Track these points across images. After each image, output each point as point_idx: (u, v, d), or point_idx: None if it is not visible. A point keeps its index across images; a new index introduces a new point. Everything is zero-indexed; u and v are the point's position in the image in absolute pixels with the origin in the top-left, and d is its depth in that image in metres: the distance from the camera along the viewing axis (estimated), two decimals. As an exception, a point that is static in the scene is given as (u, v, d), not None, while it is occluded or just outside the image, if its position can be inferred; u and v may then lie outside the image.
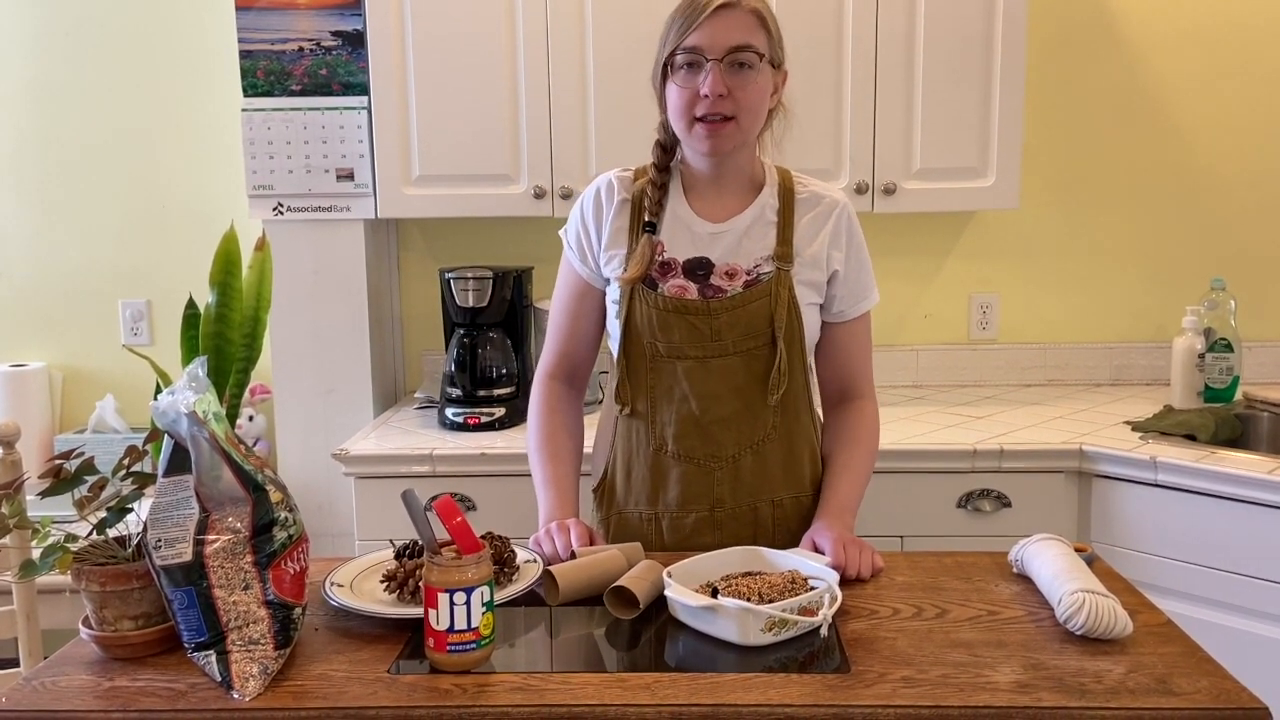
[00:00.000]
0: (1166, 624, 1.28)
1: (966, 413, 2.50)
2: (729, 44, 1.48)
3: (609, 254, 1.62)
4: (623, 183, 1.63)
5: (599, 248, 1.63)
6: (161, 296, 2.87)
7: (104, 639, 1.22)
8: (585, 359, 1.72)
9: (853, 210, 1.63)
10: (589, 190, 1.66)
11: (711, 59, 1.48)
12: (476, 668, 1.18)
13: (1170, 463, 2.07)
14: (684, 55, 1.49)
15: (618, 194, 1.62)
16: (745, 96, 1.50)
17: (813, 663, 1.19)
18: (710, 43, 1.48)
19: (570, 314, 1.69)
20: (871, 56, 2.39)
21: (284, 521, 1.20)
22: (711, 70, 1.47)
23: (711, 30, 1.48)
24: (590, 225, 1.64)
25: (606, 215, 1.62)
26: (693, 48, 1.48)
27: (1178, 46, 2.70)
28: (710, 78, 1.47)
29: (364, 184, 2.50)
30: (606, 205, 1.62)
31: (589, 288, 1.67)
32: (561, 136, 2.44)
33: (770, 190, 1.61)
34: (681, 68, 1.50)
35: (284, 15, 2.45)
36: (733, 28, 1.48)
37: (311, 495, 2.55)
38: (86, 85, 2.81)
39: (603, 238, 1.62)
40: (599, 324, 1.70)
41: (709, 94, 1.47)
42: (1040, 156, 2.74)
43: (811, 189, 1.62)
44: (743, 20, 1.49)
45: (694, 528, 1.61)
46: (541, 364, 1.72)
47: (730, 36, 1.48)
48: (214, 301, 1.38)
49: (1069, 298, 2.82)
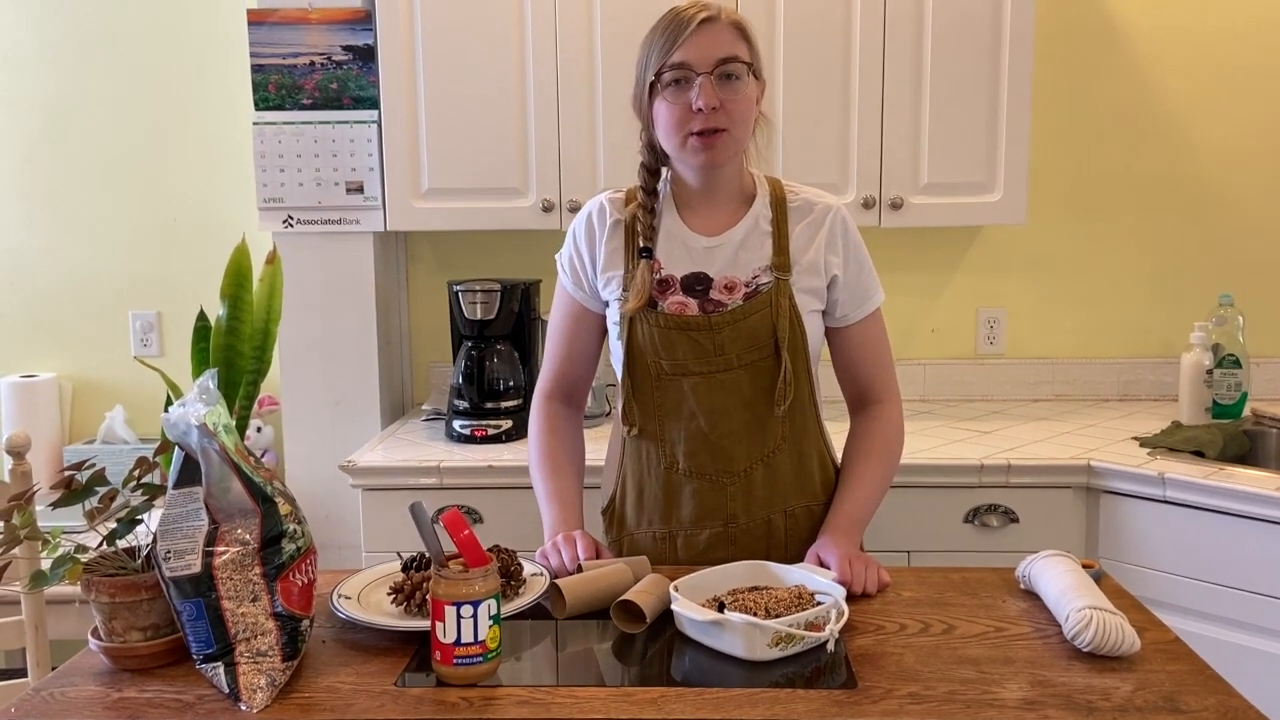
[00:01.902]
0: (1174, 641, 1.28)
1: (974, 427, 2.50)
2: (716, 56, 1.48)
3: (605, 276, 1.62)
4: (615, 204, 1.63)
5: (594, 272, 1.63)
6: (171, 308, 2.89)
7: (113, 650, 1.22)
8: (583, 378, 1.73)
9: (847, 214, 1.62)
10: (581, 215, 1.66)
11: (701, 73, 1.48)
12: (483, 681, 1.18)
13: (1178, 479, 2.07)
14: (672, 72, 1.49)
15: (610, 216, 1.62)
16: (736, 107, 1.50)
17: (819, 678, 1.19)
18: (698, 56, 1.48)
19: (567, 337, 1.69)
20: (879, 71, 2.40)
21: (292, 533, 1.21)
22: (703, 83, 1.47)
23: (697, 44, 1.48)
24: (584, 250, 1.64)
25: (600, 238, 1.62)
26: (680, 63, 1.48)
27: (1185, 63, 2.71)
28: (703, 91, 1.47)
29: (373, 197, 2.52)
30: (599, 229, 1.63)
31: (584, 311, 1.67)
32: (569, 150, 2.45)
33: (762, 200, 1.61)
34: (670, 85, 1.50)
35: (296, 30, 2.47)
36: (718, 40, 1.49)
37: (318, 507, 2.55)
38: (99, 98, 2.83)
39: (598, 261, 1.62)
40: (596, 345, 1.70)
41: (703, 107, 1.47)
42: (1048, 172, 2.74)
43: (804, 196, 1.62)
44: (726, 32, 1.50)
45: (708, 544, 1.61)
46: (539, 385, 1.73)
47: (717, 49, 1.48)
48: (225, 314, 1.39)
49: (1076, 313, 2.82)
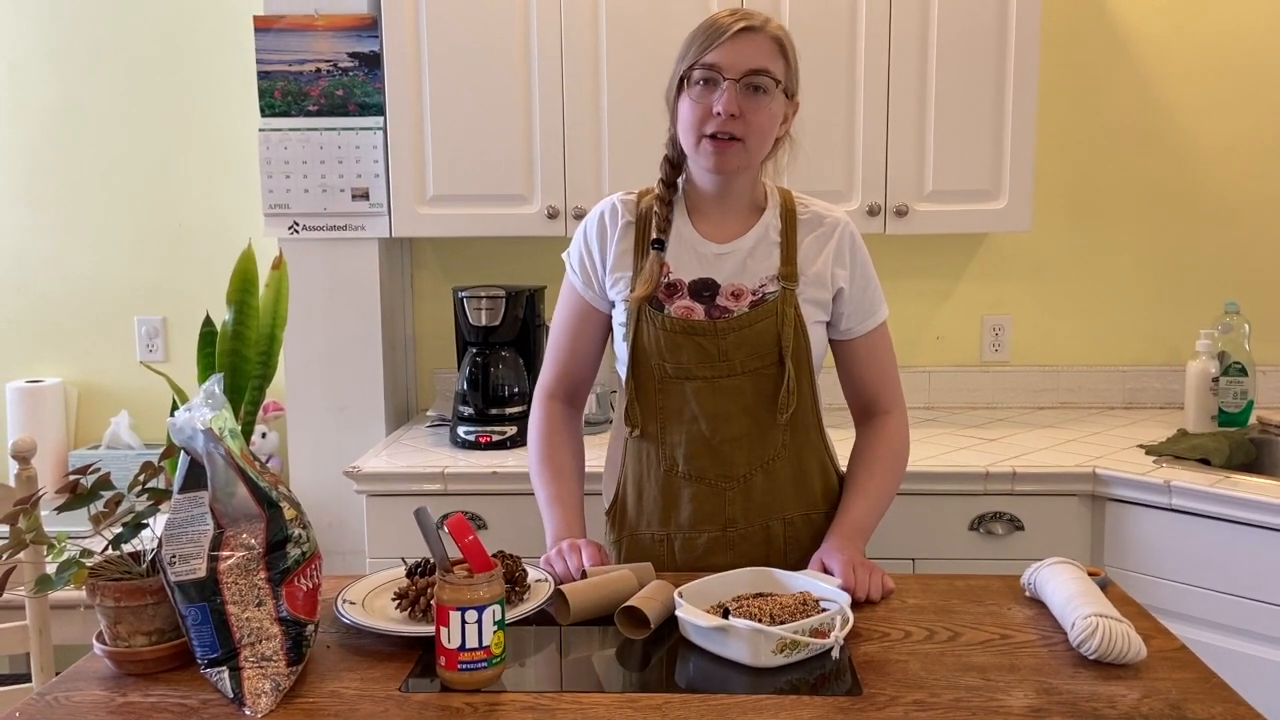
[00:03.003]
0: (1180, 649, 1.28)
1: (979, 435, 2.50)
2: (747, 66, 1.49)
3: (615, 276, 1.62)
4: (627, 206, 1.64)
5: (603, 271, 1.64)
6: (177, 313, 2.89)
7: (117, 654, 1.22)
8: (585, 379, 1.73)
9: (855, 229, 1.64)
10: (593, 214, 1.66)
11: (729, 78, 1.49)
12: (487, 686, 1.18)
13: (1184, 487, 2.06)
14: (701, 71, 1.50)
15: (622, 217, 1.63)
16: (756, 120, 1.51)
17: (824, 685, 1.19)
18: (729, 62, 1.49)
19: (571, 335, 1.69)
20: (884, 79, 2.40)
21: (297, 538, 1.21)
22: (727, 89, 1.49)
23: (732, 50, 1.49)
24: (594, 249, 1.64)
25: (611, 238, 1.63)
26: (711, 65, 1.50)
27: (1190, 70, 2.71)
28: (725, 96, 1.49)
29: (379, 203, 2.52)
30: (611, 228, 1.63)
31: (590, 310, 1.67)
32: (575, 157, 2.45)
33: (773, 211, 1.62)
34: (698, 83, 1.51)
35: (302, 36, 2.48)
36: (753, 51, 1.50)
37: (323, 513, 2.55)
38: (105, 103, 2.84)
39: (608, 261, 1.63)
40: (600, 345, 1.70)
41: (721, 112, 1.48)
42: (1053, 179, 2.74)
43: (814, 209, 1.63)
44: (764, 45, 1.51)
45: (707, 548, 1.61)
46: (541, 383, 1.73)
47: (750, 59, 1.49)
48: (231, 319, 1.39)
49: (1082, 320, 2.82)
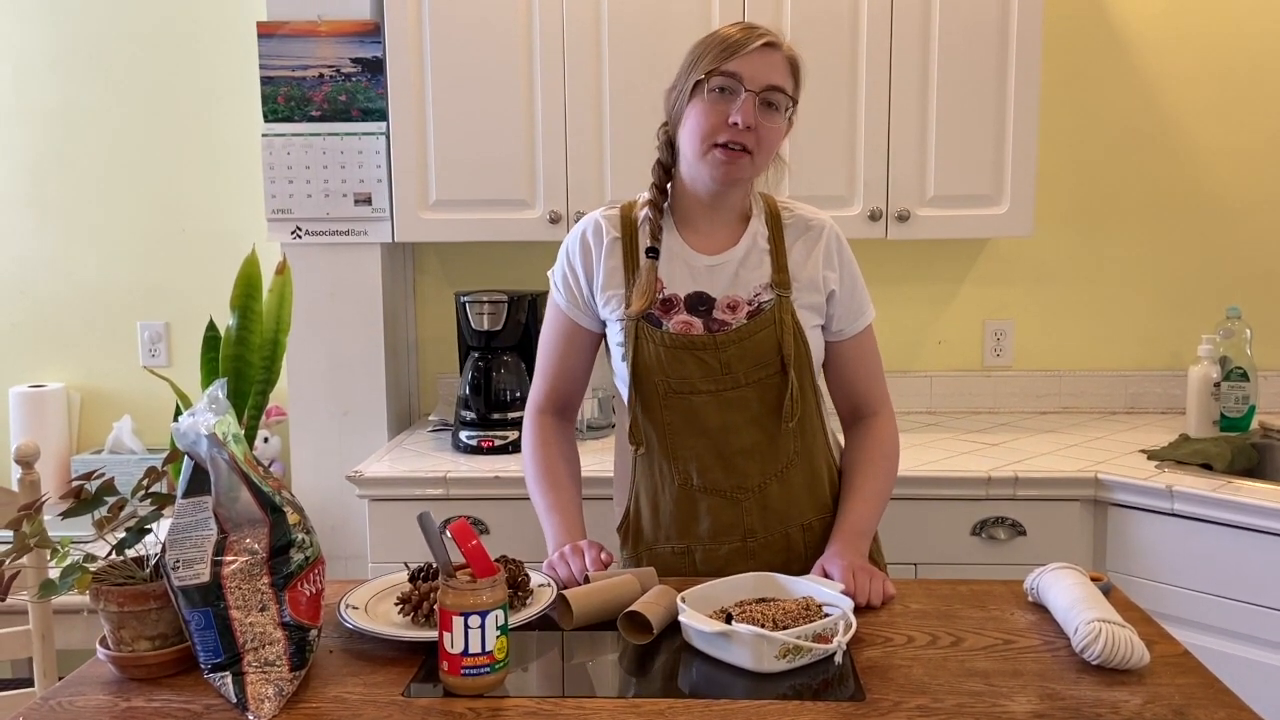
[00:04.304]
0: (1184, 654, 1.28)
1: (981, 439, 2.50)
2: (767, 81, 1.50)
3: (606, 295, 1.61)
4: (611, 221, 1.63)
5: (591, 291, 1.63)
6: (179, 318, 2.90)
7: (121, 659, 1.22)
8: (575, 393, 1.72)
9: (839, 231, 1.65)
10: (574, 233, 1.65)
11: (749, 90, 1.49)
12: (490, 691, 1.18)
13: (1186, 492, 2.06)
14: (721, 79, 1.50)
15: (608, 234, 1.62)
16: (767, 135, 1.52)
17: (827, 690, 1.19)
18: (751, 74, 1.50)
19: (558, 354, 1.68)
20: (885, 84, 2.41)
21: (301, 543, 1.21)
22: (746, 100, 1.49)
23: (755, 62, 1.50)
24: (579, 268, 1.63)
25: (598, 257, 1.61)
26: (733, 74, 1.50)
27: (1191, 74, 2.71)
28: (744, 107, 1.49)
29: (381, 208, 2.52)
30: (596, 247, 1.62)
31: (577, 328, 1.66)
32: (577, 162, 2.45)
33: (759, 218, 1.62)
34: (715, 90, 1.51)
35: (305, 42, 2.49)
36: (772, 67, 1.51)
37: (325, 517, 2.55)
38: (108, 108, 2.85)
39: (595, 280, 1.62)
40: (588, 361, 1.70)
41: (739, 122, 1.49)
42: (1055, 184, 2.74)
43: (798, 214, 1.64)
44: (782, 64, 1.53)
45: (728, 558, 1.61)
46: (532, 399, 1.72)
47: (769, 74, 1.51)
48: (234, 324, 1.39)
49: (1083, 325, 2.82)
